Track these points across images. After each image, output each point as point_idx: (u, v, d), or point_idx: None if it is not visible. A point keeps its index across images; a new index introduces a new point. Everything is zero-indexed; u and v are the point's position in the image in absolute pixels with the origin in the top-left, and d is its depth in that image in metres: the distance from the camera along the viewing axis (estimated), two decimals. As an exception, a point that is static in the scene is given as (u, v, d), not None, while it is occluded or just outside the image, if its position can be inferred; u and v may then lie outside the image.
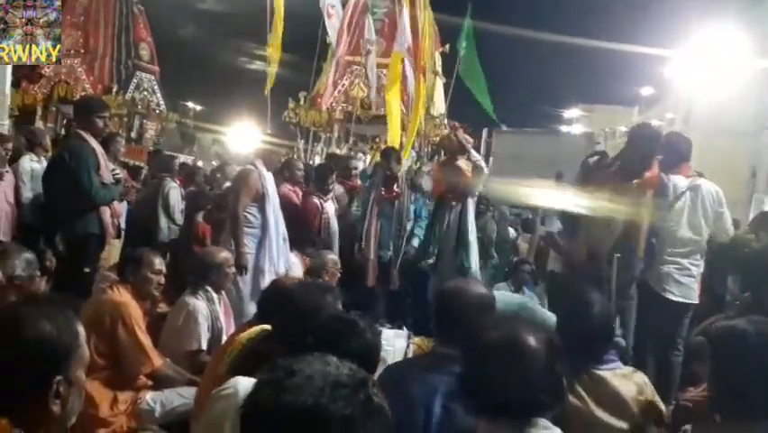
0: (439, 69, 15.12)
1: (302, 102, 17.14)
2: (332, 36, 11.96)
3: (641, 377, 2.81)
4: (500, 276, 8.35)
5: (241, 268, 5.34)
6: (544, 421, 1.93)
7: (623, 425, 2.66)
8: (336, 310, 2.75)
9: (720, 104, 20.29)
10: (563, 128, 29.41)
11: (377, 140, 17.51)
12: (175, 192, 7.58)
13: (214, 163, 14.71)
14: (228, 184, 7.35)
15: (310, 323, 2.42)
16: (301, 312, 2.69)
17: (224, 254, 4.65)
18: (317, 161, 15.52)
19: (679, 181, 4.89)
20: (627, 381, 2.77)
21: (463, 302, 2.56)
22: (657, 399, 2.78)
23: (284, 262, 5.68)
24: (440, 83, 15.40)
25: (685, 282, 4.86)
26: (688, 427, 2.80)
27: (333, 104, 17.41)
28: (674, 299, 4.81)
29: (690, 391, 3.82)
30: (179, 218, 7.45)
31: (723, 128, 20.08)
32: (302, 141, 16.46)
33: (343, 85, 17.23)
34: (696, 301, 4.91)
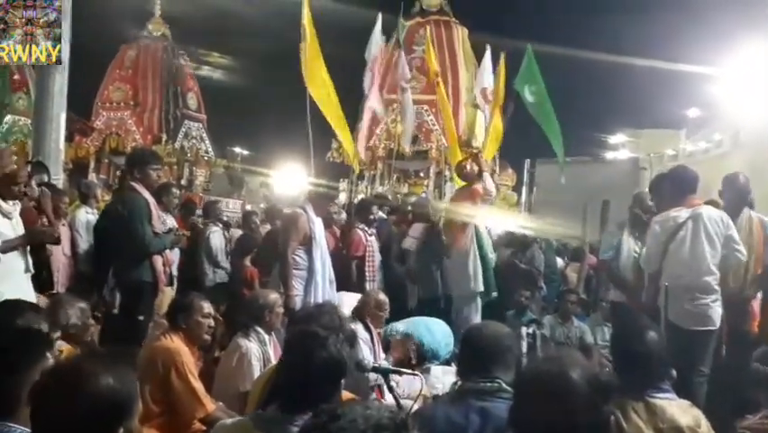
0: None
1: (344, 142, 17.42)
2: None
3: (697, 411, 2.76)
4: (551, 308, 8.26)
5: (289, 310, 5.40)
6: None
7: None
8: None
9: (769, 122, 19.84)
10: (609, 154, 29.08)
11: (420, 174, 17.67)
12: (216, 237, 7.72)
13: (262, 206, 14.97)
14: (268, 227, 7.46)
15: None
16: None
17: (274, 296, 4.72)
18: (342, 198, 15.69)
19: (680, 212, 4.92)
20: (685, 412, 2.73)
21: (488, 340, 2.62)
22: None
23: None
24: (480, 115, 15.50)
25: (698, 311, 4.76)
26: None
27: (376, 142, 17.66)
28: (688, 328, 4.70)
29: (749, 419, 3.72)
30: (223, 261, 7.58)
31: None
32: (346, 180, 16.64)
33: (385, 123, 17.46)
34: (713, 328, 4.78)
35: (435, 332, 5.85)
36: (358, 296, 6.05)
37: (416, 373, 3.57)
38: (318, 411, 1.39)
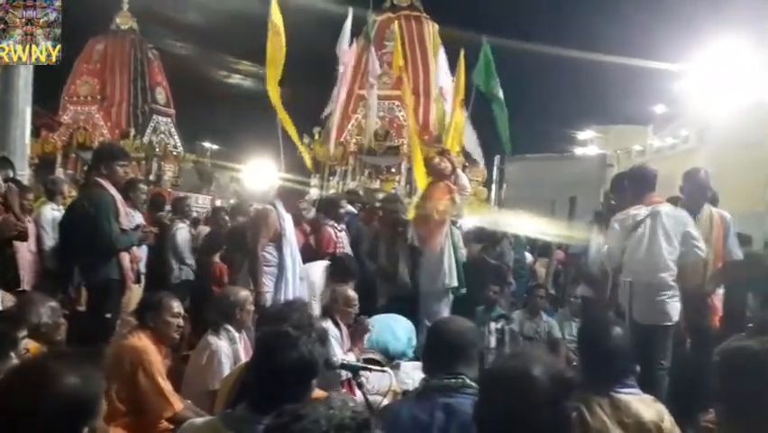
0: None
1: (316, 137, 17.38)
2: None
3: (661, 405, 2.82)
4: (520, 303, 8.34)
5: (260, 307, 5.38)
6: None
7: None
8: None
9: (734, 117, 20.20)
10: (578, 150, 29.43)
11: (391, 170, 17.70)
12: (182, 233, 7.65)
13: (233, 201, 14.87)
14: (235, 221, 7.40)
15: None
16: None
17: (244, 293, 4.69)
18: (313, 194, 15.66)
19: (639, 210, 5.07)
20: (648, 407, 2.78)
21: (452, 335, 2.62)
22: (677, 430, 2.78)
23: (301, 300, 5.71)
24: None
25: (656, 307, 4.88)
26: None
27: (348, 137, 17.64)
28: (644, 322, 4.80)
29: (712, 413, 3.81)
30: (189, 258, 7.52)
31: (738, 142, 19.94)
32: (317, 176, 16.62)
33: (356, 118, 17.45)
34: (670, 323, 4.90)
35: (397, 331, 5.88)
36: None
37: (384, 369, 3.58)
38: (281, 412, 1.40)
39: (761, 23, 20.08)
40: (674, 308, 4.91)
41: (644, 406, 2.75)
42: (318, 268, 6.13)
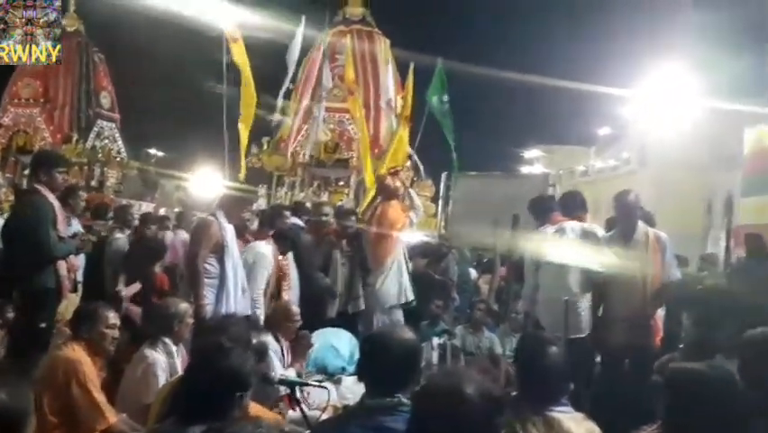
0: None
1: (265, 147, 17.31)
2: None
3: (592, 424, 2.86)
4: (463, 318, 8.42)
5: (199, 320, 5.29)
6: None
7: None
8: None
9: (674, 142, 20.90)
10: (524, 168, 30.01)
11: (340, 183, 17.74)
12: (119, 243, 7.45)
13: (177, 210, 14.62)
14: (182, 232, 7.28)
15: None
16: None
17: (184, 306, 4.60)
18: (262, 203, 15.56)
19: (547, 229, 5.54)
20: (579, 425, 2.82)
21: (391, 350, 2.56)
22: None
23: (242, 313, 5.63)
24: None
25: (557, 318, 5.12)
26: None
27: (298, 148, 17.60)
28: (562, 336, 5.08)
29: (645, 430, 3.91)
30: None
31: (677, 165, 20.64)
32: (265, 186, 16.51)
33: (306, 130, 17.42)
34: (582, 335, 5.17)
35: (339, 346, 5.86)
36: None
37: (323, 385, 3.57)
38: (208, 429, 1.39)
39: (699, 49, 20.85)
40: (584, 320, 5.18)
41: (576, 424, 2.79)
42: (262, 243, 6.18)
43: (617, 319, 5.21)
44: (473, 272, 10.43)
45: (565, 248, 5.32)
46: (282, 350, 5.08)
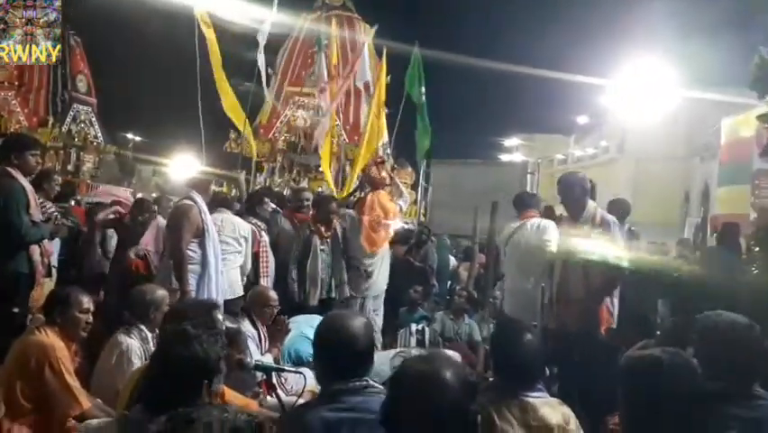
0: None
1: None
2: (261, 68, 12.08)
3: (567, 409, 2.89)
4: (442, 305, 8.45)
5: (179, 307, 5.23)
6: None
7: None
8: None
9: (653, 131, 21.07)
10: (504, 157, 30.10)
11: (320, 169, 17.63)
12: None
13: (154, 195, 14.48)
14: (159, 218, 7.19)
15: None
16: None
17: (161, 293, 4.54)
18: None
19: (513, 224, 6.04)
20: (554, 410, 2.85)
21: (347, 334, 2.57)
22: (581, 431, 2.87)
23: (221, 297, 5.59)
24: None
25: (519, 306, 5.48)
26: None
27: (277, 134, 17.48)
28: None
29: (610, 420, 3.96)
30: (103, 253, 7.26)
31: (656, 154, 20.85)
32: (243, 171, 16.36)
33: (286, 116, 17.31)
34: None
35: (312, 336, 5.84)
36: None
37: (299, 370, 3.55)
38: (173, 414, 1.38)
39: (677, 40, 21.00)
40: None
41: (551, 409, 2.82)
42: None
43: (566, 303, 5.17)
44: (453, 260, 10.45)
45: (526, 239, 5.69)
46: (260, 335, 5.05)
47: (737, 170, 15.91)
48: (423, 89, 10.60)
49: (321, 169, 17.60)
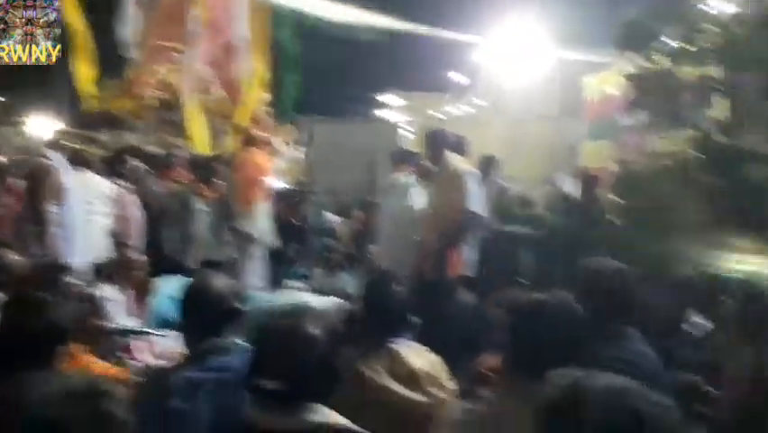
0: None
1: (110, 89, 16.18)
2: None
3: (434, 356, 2.95)
4: (321, 262, 8.45)
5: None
6: (318, 406, 1.97)
7: (416, 398, 2.78)
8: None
9: (527, 91, 21.76)
10: (382, 113, 30.31)
11: (192, 125, 16.94)
12: None
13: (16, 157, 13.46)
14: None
15: None
16: None
17: (14, 256, 4.26)
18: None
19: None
20: (420, 356, 2.90)
21: (209, 295, 2.54)
22: (448, 377, 2.94)
23: (85, 259, 5.31)
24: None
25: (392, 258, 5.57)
26: (485, 392, 2.97)
27: (147, 91, 16.59)
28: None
29: (488, 360, 4.10)
30: None
31: (531, 113, 21.57)
32: (111, 131, 15.51)
33: (157, 72, 16.45)
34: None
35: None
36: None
37: (162, 333, 3.44)
38: (8, 383, 1.29)
39: (549, 4, 21.64)
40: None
41: (416, 355, 2.87)
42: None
43: (425, 253, 5.36)
44: (332, 217, 10.45)
45: (397, 195, 5.82)
46: (126, 300, 4.84)
47: (602, 126, 16.71)
48: (297, 42, 10.31)
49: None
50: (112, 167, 6.57)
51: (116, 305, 4.57)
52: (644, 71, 7.22)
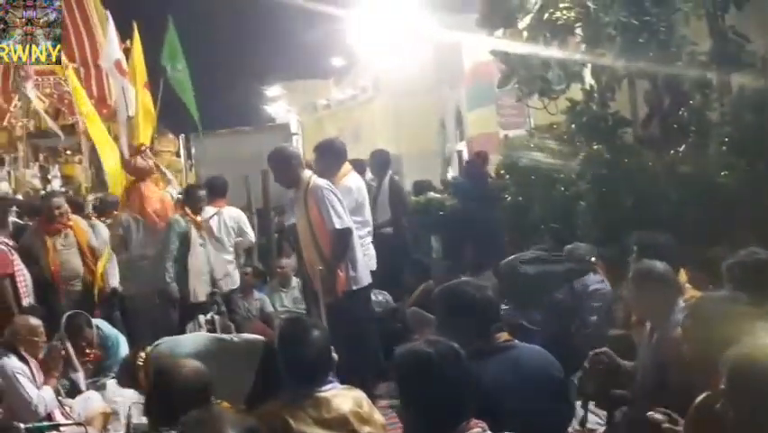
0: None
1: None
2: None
3: (358, 393, 2.99)
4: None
5: None
6: None
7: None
8: None
9: (404, 65, 21.89)
10: (269, 108, 29.78)
11: (68, 152, 16.10)
12: None
13: None
14: None
15: None
16: None
17: None
18: (4, 187, 13.83)
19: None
20: (346, 398, 2.92)
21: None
22: (375, 410, 2.99)
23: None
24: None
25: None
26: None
27: (12, 120, 15.64)
28: None
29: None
30: None
31: (410, 87, 21.74)
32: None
33: (19, 97, 15.50)
34: None
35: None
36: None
37: (78, 422, 3.31)
38: None
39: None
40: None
41: (342, 398, 2.89)
42: None
43: (306, 270, 5.37)
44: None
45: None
46: (31, 369, 4.58)
47: (482, 92, 17.10)
48: (181, 66, 10.01)
49: (68, 151, 16.08)
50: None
51: (22, 376, 4.35)
52: (508, 48, 7.44)
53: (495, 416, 2.43)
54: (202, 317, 6.05)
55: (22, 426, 3.31)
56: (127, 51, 11.65)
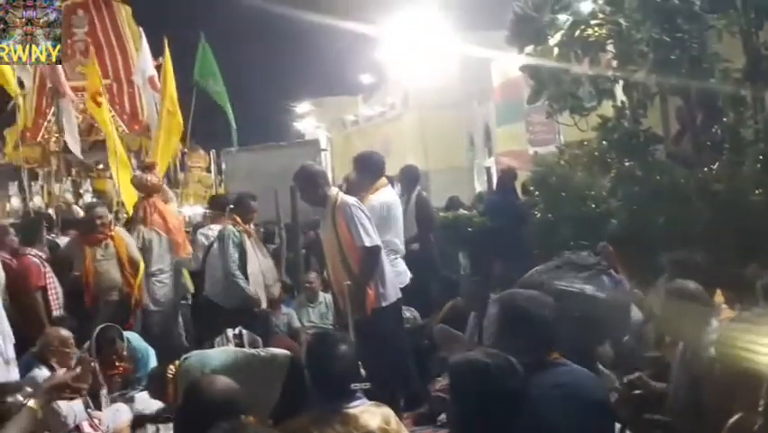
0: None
1: (8, 139, 15.53)
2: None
3: (386, 409, 2.98)
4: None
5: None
6: None
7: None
8: None
9: (431, 81, 21.99)
10: (297, 124, 30.09)
11: (100, 166, 16.36)
12: None
13: None
14: None
15: None
16: None
17: None
18: (38, 202, 14.12)
19: None
20: (374, 415, 2.92)
21: None
22: (403, 428, 2.98)
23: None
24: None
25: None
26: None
27: (46, 135, 15.97)
28: None
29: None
30: None
31: (439, 103, 21.82)
32: (15, 182, 14.87)
33: (54, 113, 15.83)
34: None
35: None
36: None
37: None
38: None
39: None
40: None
41: (370, 414, 2.88)
42: None
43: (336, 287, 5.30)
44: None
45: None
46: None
47: (511, 109, 17.08)
48: (218, 81, 10.19)
49: (101, 165, 16.36)
50: (25, 238, 6.27)
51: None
52: (539, 64, 7.40)
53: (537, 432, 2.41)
54: (230, 332, 6.06)
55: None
56: (158, 68, 11.92)
